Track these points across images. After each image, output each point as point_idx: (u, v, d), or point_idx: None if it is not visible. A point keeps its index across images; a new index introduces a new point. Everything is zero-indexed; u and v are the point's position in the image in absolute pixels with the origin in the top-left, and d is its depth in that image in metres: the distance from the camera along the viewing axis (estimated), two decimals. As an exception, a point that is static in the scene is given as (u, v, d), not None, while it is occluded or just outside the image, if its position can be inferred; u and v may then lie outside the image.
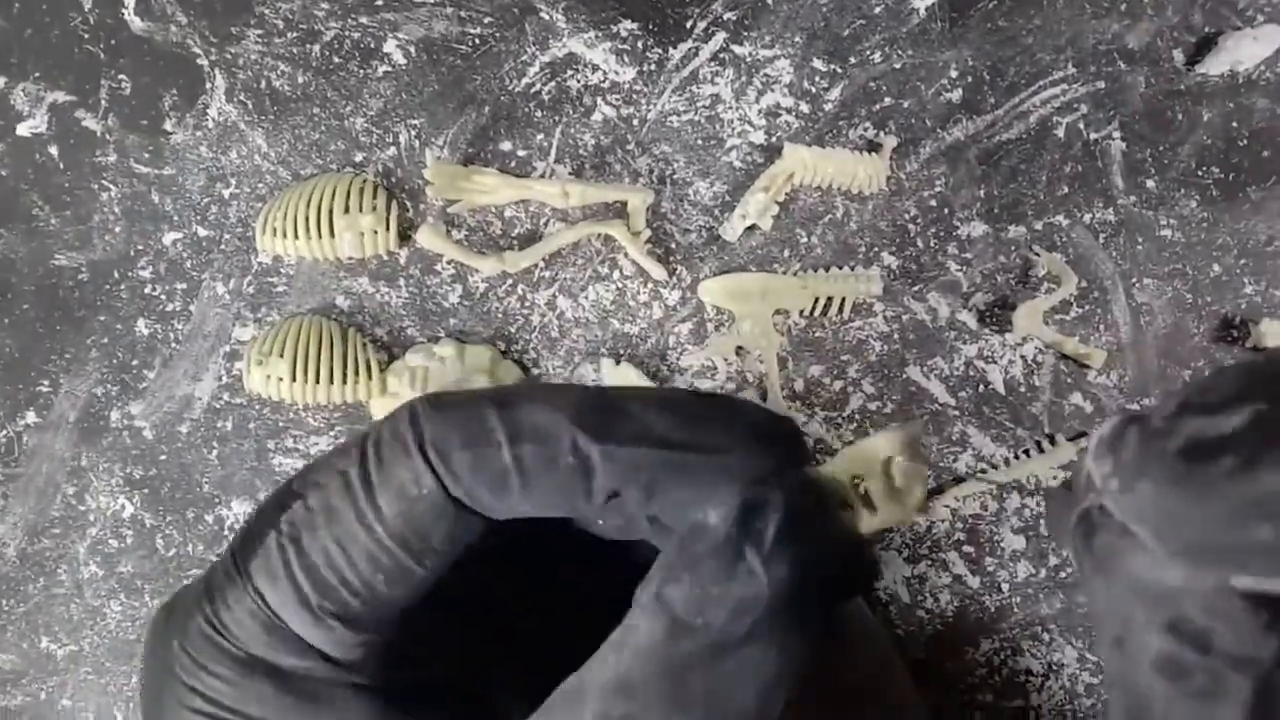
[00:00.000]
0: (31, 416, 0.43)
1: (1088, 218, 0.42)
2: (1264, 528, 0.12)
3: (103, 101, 0.44)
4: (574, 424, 0.17)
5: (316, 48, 0.44)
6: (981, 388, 0.42)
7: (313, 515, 0.17)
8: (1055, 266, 0.42)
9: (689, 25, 0.43)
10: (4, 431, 0.43)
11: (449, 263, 0.43)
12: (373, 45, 0.43)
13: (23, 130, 0.44)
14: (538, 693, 0.21)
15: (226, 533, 0.42)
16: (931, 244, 0.42)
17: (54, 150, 0.44)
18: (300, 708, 0.18)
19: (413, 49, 0.43)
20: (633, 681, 0.16)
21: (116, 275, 0.43)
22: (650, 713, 0.16)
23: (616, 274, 0.43)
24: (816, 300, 0.42)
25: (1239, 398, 0.13)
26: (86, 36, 0.44)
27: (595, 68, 0.43)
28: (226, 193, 0.43)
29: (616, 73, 0.43)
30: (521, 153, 0.43)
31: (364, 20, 0.43)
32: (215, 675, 0.18)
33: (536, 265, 0.43)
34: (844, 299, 0.42)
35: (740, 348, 0.42)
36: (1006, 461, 0.41)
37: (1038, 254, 0.42)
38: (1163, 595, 0.14)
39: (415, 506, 0.17)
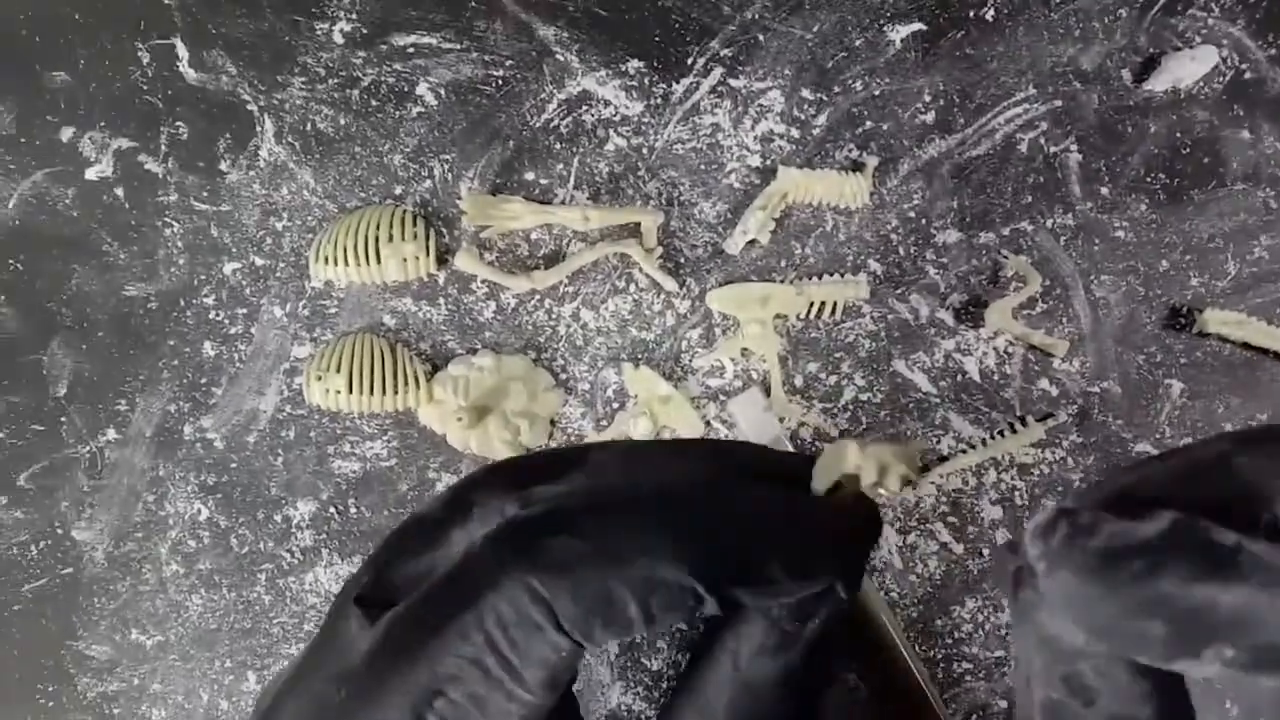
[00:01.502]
0: (112, 433, 0.48)
1: (1049, 223, 0.48)
2: (1156, 624, 0.15)
3: (163, 146, 0.49)
4: (693, 576, 0.18)
5: (356, 92, 0.48)
6: (959, 377, 0.47)
7: (462, 709, 0.18)
8: (1022, 267, 0.47)
9: (690, 62, 0.48)
10: (88, 447, 0.48)
11: (483, 282, 0.48)
12: (406, 89, 0.48)
13: (91, 175, 0.49)
14: None
15: (294, 530, 0.48)
16: (911, 251, 0.48)
17: (120, 192, 0.49)
18: None
19: (443, 91, 0.48)
20: (754, 681, 0.20)
21: (182, 303, 0.48)
22: (767, 705, 0.20)
23: (632, 287, 0.48)
24: (811, 305, 0.47)
25: (1159, 502, 0.15)
26: (146, 88, 0.49)
27: (607, 103, 0.48)
28: (279, 225, 0.48)
29: (626, 107, 0.48)
30: (544, 181, 0.48)
31: (398, 66, 0.48)
32: None
33: (561, 282, 0.48)
34: (835, 302, 0.47)
35: (745, 349, 0.47)
36: (984, 441, 0.47)
37: (1006, 256, 0.47)
38: (1063, 652, 0.17)
39: (556, 666, 0.18)
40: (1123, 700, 0.17)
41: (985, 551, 0.47)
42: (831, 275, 0.48)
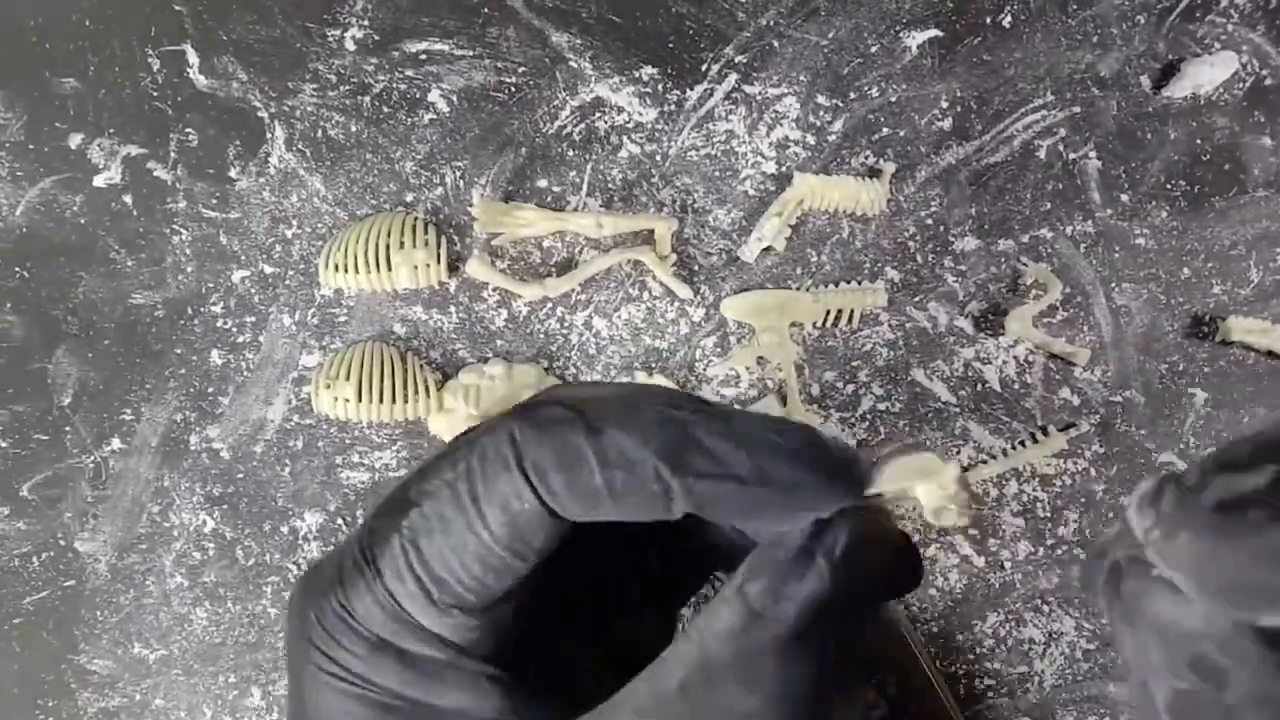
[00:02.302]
0: (117, 443, 0.47)
1: (1069, 230, 0.47)
2: None
3: (172, 153, 0.48)
4: (657, 456, 0.18)
5: (367, 99, 0.48)
6: (979, 386, 0.46)
7: (429, 522, 0.20)
8: (1042, 275, 0.46)
9: (704, 69, 0.48)
10: (92, 458, 0.47)
11: (494, 290, 0.47)
12: (418, 95, 0.48)
13: (99, 182, 0.48)
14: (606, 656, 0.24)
15: (301, 542, 0.47)
16: (929, 258, 0.47)
17: (128, 199, 0.48)
18: (423, 684, 0.21)
19: (455, 98, 0.48)
20: (712, 661, 0.19)
21: (190, 311, 0.48)
22: (726, 688, 0.18)
23: (646, 295, 0.47)
24: (828, 312, 0.46)
25: (1260, 460, 0.15)
26: (155, 95, 0.48)
27: (620, 110, 0.48)
28: (289, 233, 0.48)
29: (640, 114, 0.48)
30: (556, 188, 0.48)
31: (409, 73, 0.48)
32: (348, 651, 0.21)
33: (573, 290, 0.47)
34: (853, 310, 0.46)
35: (761, 357, 0.47)
36: (1005, 451, 0.46)
37: (1025, 264, 0.47)
38: (1184, 635, 0.16)
39: (517, 517, 0.19)
40: (1257, 677, 0.16)
41: (1005, 564, 0.46)
42: (848, 283, 0.47)
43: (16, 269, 0.48)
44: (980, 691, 0.45)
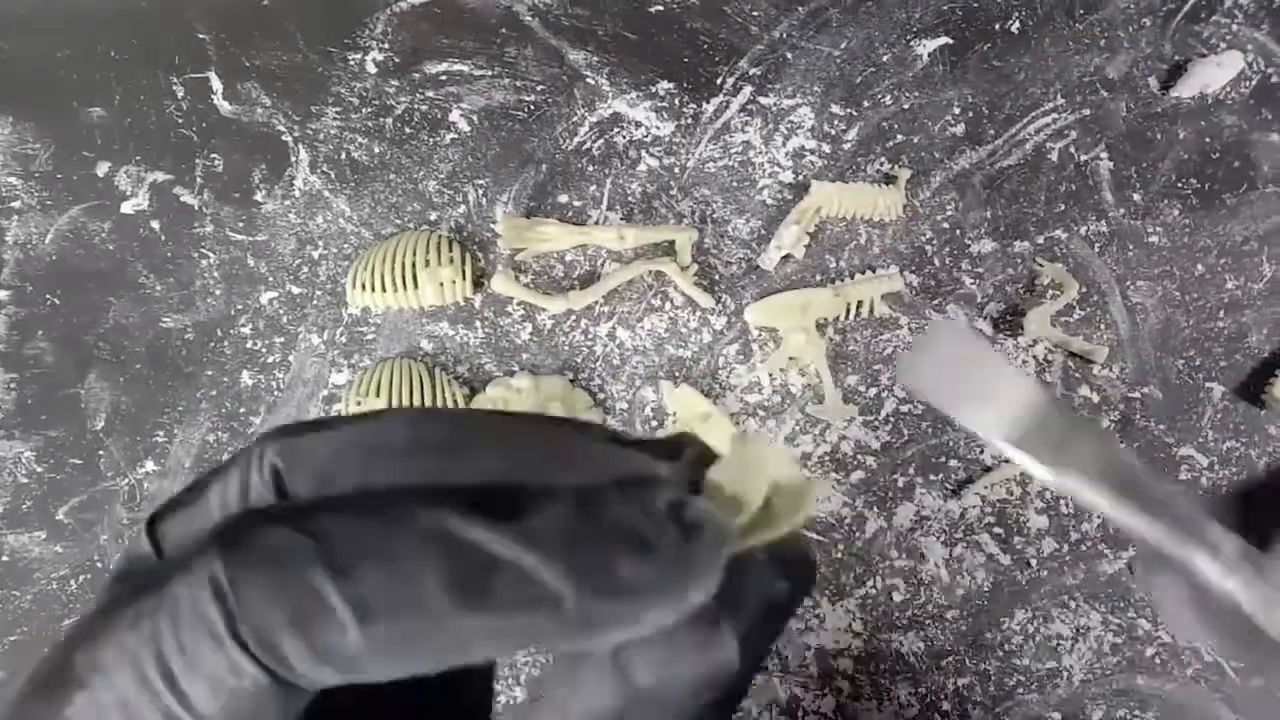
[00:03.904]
0: (150, 465, 0.48)
1: (1083, 230, 0.48)
2: None
3: (198, 178, 0.49)
4: (444, 596, 0.13)
5: (389, 121, 0.49)
6: (1000, 386, 0.47)
7: (105, 713, 0.14)
8: (1058, 275, 0.47)
9: (719, 82, 0.48)
10: (126, 480, 0.48)
11: (519, 304, 0.48)
12: (439, 116, 0.49)
13: (127, 208, 0.49)
14: None
15: (335, 558, 0.47)
16: (947, 262, 0.48)
17: (156, 225, 0.49)
18: None
19: (475, 117, 0.49)
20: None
21: (219, 333, 0.48)
22: None
23: (668, 305, 0.48)
24: (849, 305, 0.47)
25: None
26: (181, 121, 0.49)
27: (638, 124, 0.48)
28: (315, 254, 0.49)
29: (657, 128, 0.48)
30: (577, 203, 0.48)
31: (430, 94, 0.49)
32: None
33: (597, 302, 0.48)
34: (872, 300, 0.47)
35: (792, 358, 0.47)
36: (1027, 451, 0.46)
37: (1041, 265, 0.47)
38: None
39: (237, 698, 0.14)
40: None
41: (1031, 562, 0.46)
42: (863, 274, 0.48)
43: (47, 296, 0.49)
44: (1010, 688, 0.46)
